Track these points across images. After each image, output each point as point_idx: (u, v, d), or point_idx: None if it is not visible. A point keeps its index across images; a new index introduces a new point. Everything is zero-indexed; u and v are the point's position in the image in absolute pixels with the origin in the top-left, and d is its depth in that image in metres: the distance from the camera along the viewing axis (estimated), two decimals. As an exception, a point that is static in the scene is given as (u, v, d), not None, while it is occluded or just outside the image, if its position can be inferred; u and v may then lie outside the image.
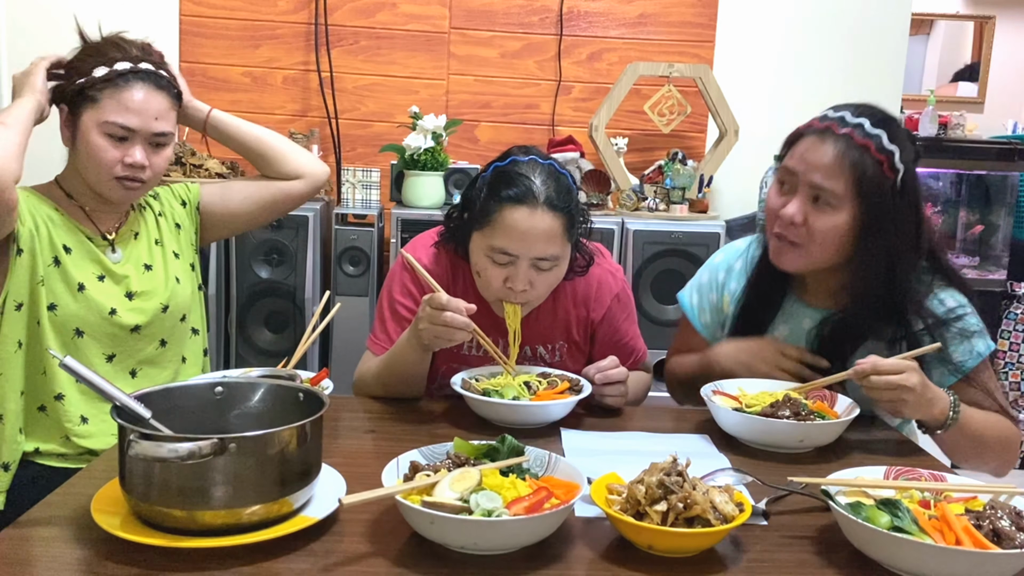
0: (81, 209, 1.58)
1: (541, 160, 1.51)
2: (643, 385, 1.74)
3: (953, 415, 1.38)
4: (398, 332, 1.59)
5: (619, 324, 1.70)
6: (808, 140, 1.47)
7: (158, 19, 3.10)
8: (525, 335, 1.61)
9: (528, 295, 1.52)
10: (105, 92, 1.49)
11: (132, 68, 1.51)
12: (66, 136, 1.55)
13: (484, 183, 1.52)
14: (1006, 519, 0.97)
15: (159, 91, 1.54)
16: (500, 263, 1.49)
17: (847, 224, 1.44)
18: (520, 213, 1.45)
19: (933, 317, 1.48)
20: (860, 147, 1.41)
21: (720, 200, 3.24)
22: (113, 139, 1.50)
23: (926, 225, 1.49)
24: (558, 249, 1.49)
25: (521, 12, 3.22)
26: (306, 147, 3.00)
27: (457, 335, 1.40)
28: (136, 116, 1.50)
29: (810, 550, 1.04)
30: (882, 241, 1.44)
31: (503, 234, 1.46)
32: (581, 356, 1.69)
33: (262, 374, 1.36)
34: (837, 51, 3.24)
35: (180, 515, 0.94)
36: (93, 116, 1.49)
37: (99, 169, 1.51)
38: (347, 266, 2.82)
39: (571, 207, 1.50)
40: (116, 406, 0.99)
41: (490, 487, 1.00)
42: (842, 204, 1.43)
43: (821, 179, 1.43)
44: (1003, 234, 3.92)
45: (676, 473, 1.01)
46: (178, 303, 1.65)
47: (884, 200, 1.42)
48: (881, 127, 1.43)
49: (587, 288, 1.66)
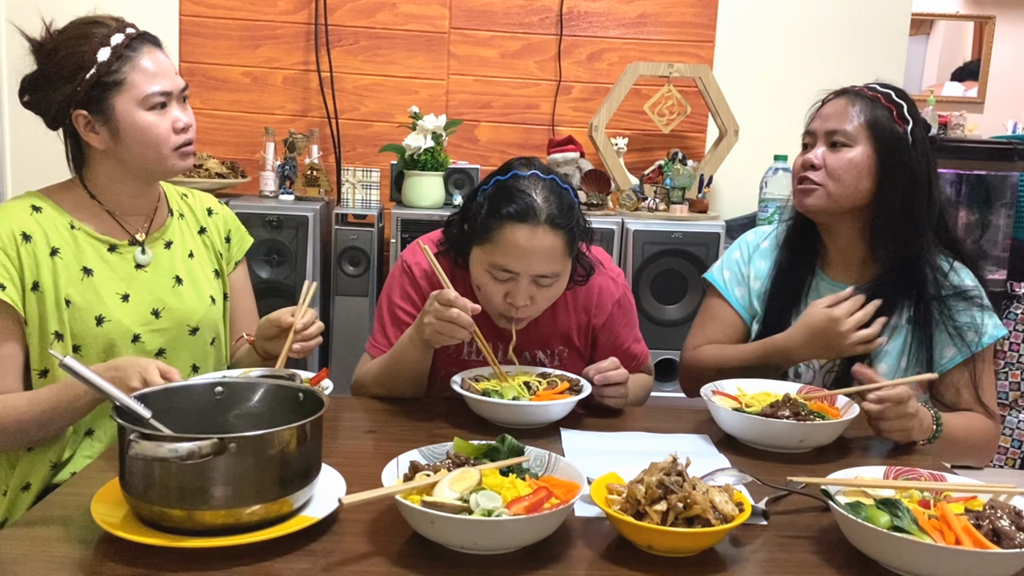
0: (107, 212, 1.48)
1: (543, 175, 1.49)
2: (644, 387, 1.74)
3: (936, 429, 1.44)
4: (397, 336, 1.58)
5: (620, 329, 1.69)
6: (826, 104, 1.64)
7: (158, 19, 3.09)
8: (525, 340, 1.61)
9: (528, 311, 1.52)
10: (123, 69, 1.39)
11: (128, 36, 1.41)
12: (98, 138, 1.42)
13: (485, 197, 1.50)
14: (1006, 519, 0.97)
15: (157, 47, 1.45)
16: (500, 279, 1.49)
17: (862, 160, 1.57)
18: (521, 232, 1.44)
19: (953, 287, 1.59)
20: (871, 98, 1.60)
21: (720, 200, 3.24)
22: (156, 110, 1.41)
23: (938, 187, 1.61)
24: (559, 266, 1.49)
25: (521, 12, 3.22)
26: (306, 147, 3.02)
27: (459, 333, 1.41)
28: (166, 78, 1.42)
29: (810, 550, 1.04)
30: (898, 183, 1.56)
31: (503, 252, 1.46)
32: (582, 361, 1.68)
33: (262, 374, 1.36)
34: (837, 51, 3.24)
35: (180, 515, 0.94)
36: (128, 98, 1.39)
37: (158, 147, 1.42)
38: (347, 266, 2.82)
39: (572, 224, 1.48)
40: (116, 406, 0.99)
41: (490, 487, 1.00)
42: (856, 142, 1.57)
43: (835, 124, 1.59)
44: (1003, 234, 3.91)
45: (676, 473, 1.01)
46: (209, 326, 1.58)
47: (897, 142, 1.56)
48: (890, 89, 1.62)
49: (588, 295, 1.66)
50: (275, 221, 2.74)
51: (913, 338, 1.59)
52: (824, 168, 1.58)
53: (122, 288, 1.48)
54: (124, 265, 1.49)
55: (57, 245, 1.42)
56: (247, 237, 1.72)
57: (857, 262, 1.65)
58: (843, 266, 1.67)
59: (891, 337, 1.59)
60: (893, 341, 1.59)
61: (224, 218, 1.69)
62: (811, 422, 1.34)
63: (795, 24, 3.25)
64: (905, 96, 1.60)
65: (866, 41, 3.25)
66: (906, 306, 1.60)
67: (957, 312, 1.58)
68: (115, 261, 1.48)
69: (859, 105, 1.59)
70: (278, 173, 2.99)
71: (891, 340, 1.59)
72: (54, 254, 1.42)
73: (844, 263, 1.67)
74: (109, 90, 1.39)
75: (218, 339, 1.62)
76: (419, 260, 1.63)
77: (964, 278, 1.61)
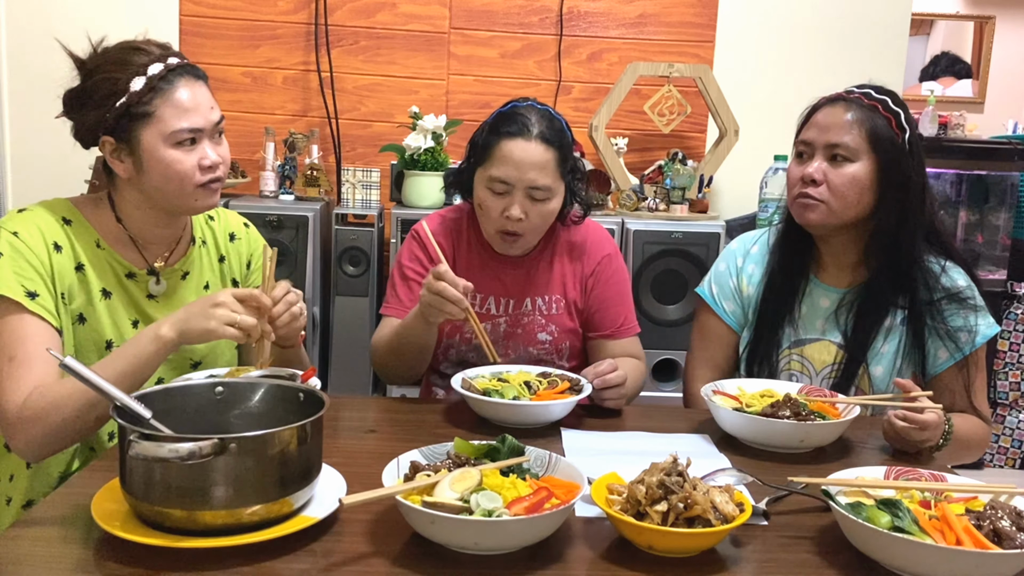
0: (131, 238, 1.45)
1: (538, 106, 1.69)
2: (638, 374, 1.74)
3: (947, 435, 1.44)
4: (406, 293, 1.74)
5: (610, 283, 1.78)
6: (821, 111, 1.60)
7: (158, 19, 3.09)
8: (522, 289, 1.76)
9: (523, 226, 1.64)
10: (155, 102, 1.35)
11: (167, 66, 1.37)
12: (122, 167, 1.39)
13: (486, 126, 1.69)
14: (1006, 519, 0.97)
15: (198, 80, 1.41)
16: (498, 192, 1.63)
17: (865, 175, 1.54)
18: (516, 144, 1.61)
19: (945, 290, 1.58)
20: (870, 107, 1.56)
21: (720, 200, 3.24)
22: (183, 146, 1.37)
23: (931, 191, 1.60)
24: (551, 180, 1.63)
25: (521, 12, 3.22)
26: (306, 147, 3.01)
27: (447, 307, 1.47)
28: (198, 115, 1.38)
29: (810, 550, 1.04)
30: (897, 195, 1.55)
31: (500, 163, 1.62)
32: (572, 321, 1.78)
33: (262, 374, 1.36)
34: (837, 51, 3.24)
35: (180, 515, 0.94)
36: (155, 132, 1.35)
37: (181, 183, 1.38)
38: (347, 266, 2.82)
39: (563, 143, 1.65)
40: (116, 406, 0.99)
41: (490, 487, 1.00)
42: (858, 157, 1.54)
43: (838, 136, 1.55)
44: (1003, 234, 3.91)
45: (676, 473, 1.01)
46: (215, 358, 1.55)
47: (897, 154, 1.54)
48: (885, 94, 1.58)
49: (582, 241, 1.79)
50: (275, 221, 2.74)
51: (907, 341, 1.59)
52: (826, 183, 1.55)
53: (133, 315, 1.46)
54: (138, 292, 1.47)
55: (83, 261, 1.40)
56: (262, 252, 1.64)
57: (850, 266, 1.64)
58: (836, 271, 1.66)
59: (886, 340, 1.59)
60: (888, 344, 1.59)
61: (248, 242, 1.65)
62: (812, 422, 1.34)
63: (795, 24, 3.25)
64: (900, 101, 1.58)
65: (866, 41, 3.25)
66: (900, 308, 1.60)
67: (949, 315, 1.57)
68: (131, 287, 1.46)
69: (858, 115, 1.55)
70: (278, 173, 2.99)
71: (886, 343, 1.59)
72: (79, 269, 1.40)
73: (837, 268, 1.65)
74: (137, 120, 1.36)
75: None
76: (426, 225, 1.76)
77: (956, 279, 1.60)
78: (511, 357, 1.76)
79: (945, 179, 4.06)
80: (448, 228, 1.78)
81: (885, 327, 1.59)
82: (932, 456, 1.41)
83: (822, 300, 1.64)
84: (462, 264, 1.76)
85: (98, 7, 3.06)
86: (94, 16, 3.03)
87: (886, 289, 1.58)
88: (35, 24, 3.01)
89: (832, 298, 1.64)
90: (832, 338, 1.62)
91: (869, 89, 1.59)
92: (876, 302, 1.59)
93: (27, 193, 3.03)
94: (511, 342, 1.76)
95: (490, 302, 1.76)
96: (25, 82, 3.04)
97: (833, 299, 1.63)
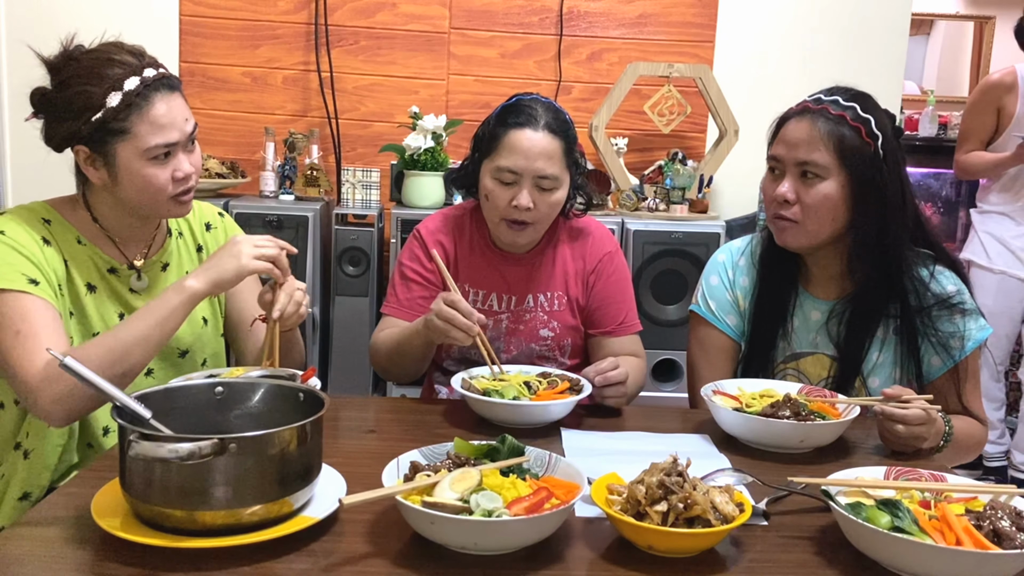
0: (108, 237, 1.48)
1: (543, 99, 1.72)
2: (639, 372, 1.74)
3: (947, 435, 1.44)
4: (405, 292, 1.76)
5: (611, 280, 1.78)
6: (788, 124, 1.56)
7: (158, 19, 3.09)
8: (525, 285, 1.77)
9: (531, 215, 1.65)
10: (131, 119, 1.35)
11: (143, 81, 1.36)
12: (96, 174, 1.40)
13: (492, 119, 1.72)
14: (1006, 519, 0.97)
15: (173, 92, 1.41)
16: (506, 182, 1.65)
17: (837, 192, 1.51)
18: (523, 134, 1.64)
19: (935, 297, 1.55)
20: (836, 118, 1.51)
21: (720, 200, 3.24)
22: (158, 161, 1.38)
23: (910, 193, 1.56)
24: (558, 170, 1.65)
25: (521, 12, 3.22)
26: (306, 147, 3.02)
27: (453, 333, 1.47)
28: (173, 129, 1.38)
29: (810, 550, 1.04)
30: (873, 208, 1.51)
31: (508, 153, 1.64)
32: (574, 318, 1.79)
33: (262, 374, 1.36)
34: (837, 51, 3.24)
35: (180, 515, 0.94)
36: (131, 148, 1.36)
37: (155, 196, 1.41)
38: (347, 266, 2.82)
39: (569, 135, 1.69)
40: (116, 406, 0.99)
41: (490, 487, 1.00)
42: (829, 174, 1.50)
43: (805, 154, 1.51)
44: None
45: (676, 473, 1.01)
46: (201, 347, 1.57)
47: (868, 167, 1.50)
48: (854, 101, 1.52)
49: (584, 239, 1.81)
50: (275, 221, 2.74)
51: (902, 350, 1.57)
52: (799, 203, 1.52)
53: (119, 308, 1.48)
54: (121, 287, 1.49)
55: (66, 257, 1.42)
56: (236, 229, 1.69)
57: (836, 278, 1.61)
58: (823, 283, 1.63)
59: (880, 350, 1.58)
60: (883, 354, 1.58)
61: (225, 230, 1.67)
62: (812, 422, 1.34)
63: (795, 24, 3.25)
64: (870, 106, 1.52)
65: (866, 41, 3.25)
66: (891, 318, 1.57)
67: (940, 322, 1.55)
68: (114, 282, 1.48)
69: (825, 128, 1.49)
70: (278, 173, 2.99)
71: (882, 353, 1.58)
72: (66, 264, 1.42)
73: (824, 280, 1.63)
74: (113, 135, 1.36)
75: (212, 358, 1.61)
76: (428, 225, 1.80)
77: (946, 284, 1.57)
78: (513, 354, 1.77)
79: (945, 179, 4.06)
80: (450, 226, 1.80)
81: (878, 338, 1.57)
82: (932, 457, 1.41)
83: (812, 313, 1.62)
84: (464, 261, 1.77)
85: (98, 7, 3.05)
86: (94, 16, 3.03)
87: (875, 299, 1.56)
88: (35, 24, 3.01)
89: (822, 310, 1.61)
90: (826, 351, 1.60)
91: (837, 96, 1.53)
92: (866, 313, 1.57)
93: (27, 193, 3.00)
94: (513, 338, 1.77)
95: (492, 299, 1.76)
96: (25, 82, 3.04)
97: (823, 311, 1.61)
